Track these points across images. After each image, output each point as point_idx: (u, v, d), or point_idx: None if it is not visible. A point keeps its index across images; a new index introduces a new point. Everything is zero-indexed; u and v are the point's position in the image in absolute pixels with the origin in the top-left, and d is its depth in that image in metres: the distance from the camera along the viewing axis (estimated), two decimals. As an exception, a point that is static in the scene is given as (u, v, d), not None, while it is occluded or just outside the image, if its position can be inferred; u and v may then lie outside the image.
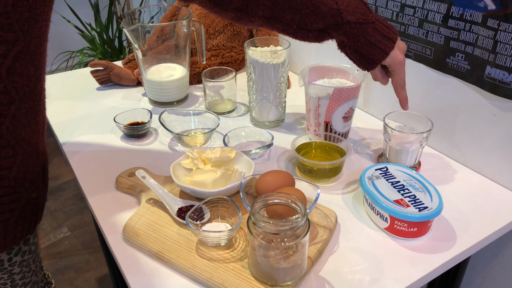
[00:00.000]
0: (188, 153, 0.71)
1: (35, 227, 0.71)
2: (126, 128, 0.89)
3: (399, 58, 0.67)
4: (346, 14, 0.64)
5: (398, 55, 0.67)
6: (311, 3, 0.63)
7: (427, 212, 0.62)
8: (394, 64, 0.68)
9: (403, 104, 0.74)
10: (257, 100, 0.92)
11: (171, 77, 1.01)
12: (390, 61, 0.67)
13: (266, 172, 0.68)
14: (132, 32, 0.93)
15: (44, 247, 1.79)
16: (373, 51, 0.66)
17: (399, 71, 0.69)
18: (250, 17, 0.66)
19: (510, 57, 0.67)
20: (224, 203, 0.64)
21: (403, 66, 0.69)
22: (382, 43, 0.65)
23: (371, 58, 0.67)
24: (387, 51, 0.66)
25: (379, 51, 0.66)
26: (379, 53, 0.66)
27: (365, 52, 0.66)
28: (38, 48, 0.58)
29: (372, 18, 0.65)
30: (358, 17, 0.64)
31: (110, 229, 0.68)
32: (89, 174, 0.80)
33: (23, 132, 0.61)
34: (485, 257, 0.83)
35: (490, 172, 0.78)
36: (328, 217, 0.67)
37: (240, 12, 0.66)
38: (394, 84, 0.72)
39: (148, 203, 0.70)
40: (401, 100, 0.74)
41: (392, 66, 0.68)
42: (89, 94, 1.09)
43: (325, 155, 0.81)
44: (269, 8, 0.64)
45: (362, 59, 0.68)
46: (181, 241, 0.63)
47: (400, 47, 0.68)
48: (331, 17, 0.64)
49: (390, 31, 0.66)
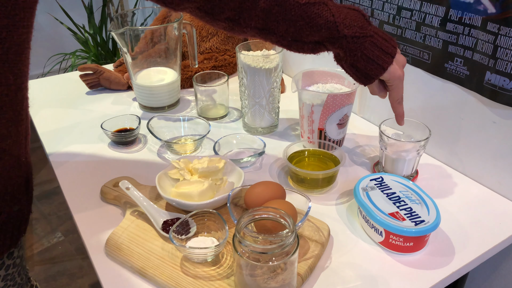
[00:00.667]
0: (174, 163, 0.68)
1: (18, 241, 0.68)
2: (113, 135, 0.86)
3: (397, 73, 0.64)
4: (343, 27, 0.60)
5: (396, 70, 0.64)
6: (306, 15, 0.60)
7: (424, 226, 0.59)
8: (392, 79, 0.64)
9: (398, 120, 0.71)
10: (250, 106, 0.89)
11: (162, 81, 0.98)
12: (388, 76, 0.64)
13: (256, 184, 0.65)
14: (121, 35, 0.90)
15: (37, 252, 1.76)
16: (370, 66, 0.63)
17: (397, 87, 0.66)
18: (242, 27, 0.63)
19: (511, 63, 0.64)
20: (210, 216, 0.61)
21: (401, 82, 0.66)
22: (380, 58, 0.62)
23: (368, 73, 0.63)
24: (385, 67, 0.63)
25: (376, 66, 0.63)
26: (376, 68, 0.63)
27: (362, 67, 0.63)
28: (19, 56, 0.55)
29: (371, 31, 0.61)
30: (355, 31, 0.61)
31: (93, 242, 0.65)
32: (74, 184, 0.77)
33: (3, 144, 0.58)
34: (485, 269, 0.80)
35: (490, 181, 0.75)
36: (320, 230, 0.64)
37: (232, 22, 0.63)
38: (391, 99, 0.68)
39: (133, 215, 0.67)
40: (397, 115, 0.71)
41: (390, 81, 0.65)
42: (78, 99, 1.07)
43: (318, 164, 0.78)
44: (262, 19, 0.61)
45: (358, 73, 0.64)
46: (166, 257, 0.60)
47: (399, 61, 0.65)
48: (326, 30, 0.61)
49: (389, 45, 0.63)
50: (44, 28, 2.50)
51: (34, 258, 1.73)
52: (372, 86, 0.67)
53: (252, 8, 0.60)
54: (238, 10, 0.60)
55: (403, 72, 0.65)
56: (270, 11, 0.60)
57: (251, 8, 0.60)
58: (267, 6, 0.59)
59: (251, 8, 0.60)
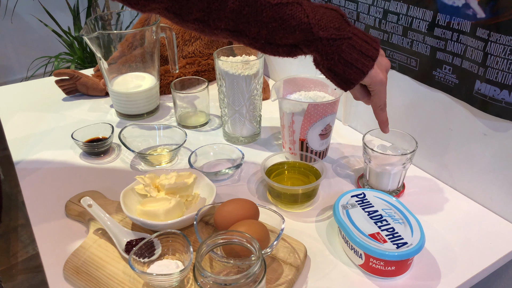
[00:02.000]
0: (139, 179, 0.63)
1: None
2: (84, 146, 0.81)
3: (379, 77, 0.59)
4: (318, 29, 0.55)
5: (378, 74, 0.59)
6: (278, 16, 0.55)
7: (406, 250, 0.55)
8: (373, 84, 0.59)
9: (382, 127, 0.66)
10: (229, 114, 0.84)
11: (139, 87, 0.94)
12: (369, 81, 0.59)
13: (226, 202, 0.60)
14: (94, 40, 0.86)
15: (21, 261, 1.71)
16: (348, 70, 0.57)
17: (379, 92, 0.61)
18: (212, 29, 0.59)
19: (501, 72, 0.60)
20: (176, 237, 0.57)
21: (383, 87, 0.61)
22: (359, 62, 0.57)
23: (347, 77, 0.58)
24: (365, 71, 0.57)
25: (356, 70, 0.57)
26: (355, 72, 0.58)
27: (340, 71, 0.58)
28: None
29: (349, 33, 0.56)
30: (332, 33, 0.56)
31: (51, 264, 0.60)
32: (39, 197, 0.73)
33: None
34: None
35: (480, 196, 0.70)
36: (296, 252, 0.59)
37: (201, 23, 0.58)
38: (373, 106, 0.63)
39: (96, 234, 0.62)
40: (380, 122, 0.66)
41: (371, 86, 0.60)
42: (54, 105, 1.02)
43: (299, 177, 0.73)
44: (232, 21, 0.56)
45: (337, 78, 0.59)
46: (127, 282, 0.55)
47: (382, 64, 0.60)
48: (300, 32, 0.56)
49: (370, 47, 0.58)
50: (29, 30, 2.45)
51: (18, 267, 1.68)
52: (354, 91, 0.63)
53: (221, 9, 0.55)
54: (207, 11, 0.56)
55: (386, 76, 0.60)
56: (240, 12, 0.55)
57: (219, 9, 0.55)
58: (236, 7, 0.55)
59: (219, 9, 0.55)
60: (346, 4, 0.81)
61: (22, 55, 2.48)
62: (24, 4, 2.24)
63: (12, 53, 2.54)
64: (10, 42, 2.48)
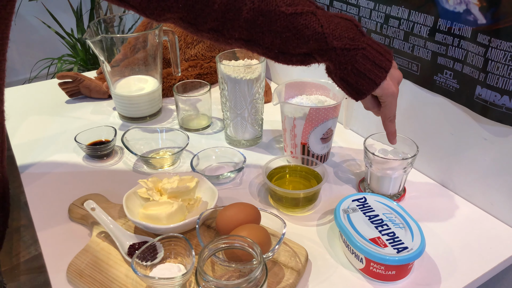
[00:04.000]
0: (142, 183, 0.64)
1: None
2: (88, 148, 0.82)
3: (391, 90, 0.59)
4: (332, 38, 0.56)
5: (390, 86, 0.59)
6: (292, 26, 0.55)
7: (407, 254, 0.55)
8: (385, 96, 0.60)
9: (390, 139, 0.67)
10: (231, 118, 0.85)
11: (142, 90, 0.94)
12: (381, 92, 0.59)
13: (228, 206, 0.61)
14: (97, 43, 0.86)
15: (24, 261, 1.72)
16: (361, 81, 0.58)
17: (390, 104, 0.61)
18: (227, 39, 0.59)
19: (502, 77, 0.60)
20: (178, 241, 0.57)
21: (394, 99, 0.61)
22: (372, 73, 0.57)
23: (359, 88, 0.58)
24: (377, 82, 0.58)
25: (368, 81, 0.58)
26: (368, 83, 0.58)
27: (353, 82, 0.58)
28: None
29: (363, 43, 0.56)
30: (346, 43, 0.56)
31: (55, 267, 0.61)
32: (43, 200, 0.73)
33: None
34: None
35: (481, 201, 0.71)
36: (297, 255, 0.59)
37: (216, 33, 0.59)
38: (383, 117, 0.64)
39: (99, 237, 0.63)
40: (389, 133, 0.66)
41: (382, 97, 0.60)
42: (57, 107, 1.03)
43: (300, 181, 0.74)
44: (246, 30, 0.57)
45: (349, 88, 0.59)
46: (129, 285, 0.56)
47: (395, 77, 0.60)
48: (314, 41, 0.56)
49: (384, 58, 0.58)
50: (32, 32, 2.47)
51: (20, 267, 1.69)
52: (365, 101, 0.63)
53: (235, 19, 0.56)
54: (222, 21, 0.56)
55: (397, 89, 0.60)
56: (254, 22, 0.56)
57: (234, 18, 0.56)
58: (250, 16, 0.55)
59: (234, 18, 0.56)
60: (348, 8, 0.82)
61: (25, 57, 2.50)
62: (27, 5, 2.26)
63: (15, 55, 2.55)
64: (13, 43, 2.49)
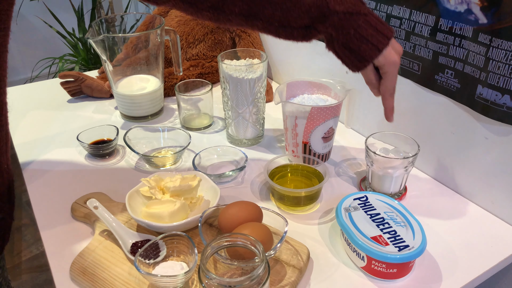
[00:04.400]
0: (144, 181, 0.64)
1: (1, 250, 0.65)
2: (90, 147, 0.82)
3: (393, 58, 0.58)
4: (334, 4, 0.55)
5: (392, 54, 0.58)
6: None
7: (408, 252, 0.55)
8: (387, 64, 0.59)
9: (388, 115, 0.65)
10: (233, 117, 0.85)
11: (143, 90, 0.95)
12: (383, 60, 0.58)
13: (230, 204, 0.61)
14: (99, 43, 0.87)
15: (25, 260, 1.73)
16: (364, 46, 0.57)
17: (392, 74, 0.60)
18: (227, 15, 0.59)
19: (503, 77, 0.60)
20: (180, 239, 0.57)
21: (396, 69, 0.60)
22: (375, 38, 0.57)
23: (362, 54, 0.58)
24: (380, 47, 0.57)
25: (371, 46, 0.57)
26: (370, 49, 0.57)
27: (355, 47, 0.57)
28: None
29: (365, 10, 0.57)
30: (348, 7, 0.56)
31: (58, 265, 0.61)
32: (45, 198, 0.74)
33: None
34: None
35: (482, 200, 0.71)
36: (299, 253, 0.60)
37: (216, 10, 0.59)
38: (384, 89, 0.62)
39: (102, 235, 0.63)
40: (387, 109, 0.64)
41: (385, 67, 0.59)
42: (59, 107, 1.03)
43: (302, 180, 0.74)
44: (246, 4, 0.57)
45: (351, 55, 0.58)
46: (132, 283, 0.56)
47: (396, 48, 0.59)
48: (316, 8, 0.56)
49: (385, 27, 0.58)
50: (34, 31, 2.48)
51: (21, 266, 1.70)
52: (368, 72, 0.61)
53: None
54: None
55: (399, 59, 0.60)
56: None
57: None
58: None
59: None
60: (349, 8, 0.82)
61: (26, 56, 2.51)
62: (29, 5, 2.26)
63: (17, 54, 2.56)
64: (14, 42, 2.50)
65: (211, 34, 1.12)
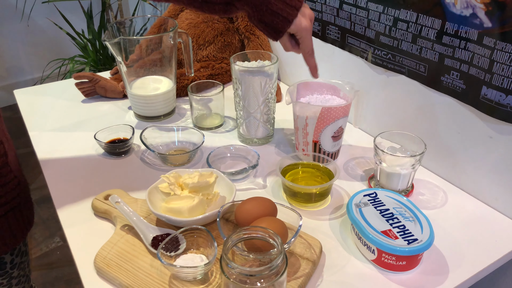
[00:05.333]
0: (164, 178, 0.67)
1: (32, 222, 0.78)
2: (107, 146, 0.85)
3: (303, 24, 0.68)
4: None
5: (302, 22, 0.68)
6: None
7: (417, 245, 0.58)
8: (299, 31, 0.68)
9: (312, 72, 0.76)
10: (244, 117, 0.88)
11: (157, 90, 0.97)
12: (295, 28, 0.68)
13: (247, 200, 0.64)
14: (115, 45, 0.90)
15: (35, 257, 1.76)
16: (276, 19, 0.66)
17: (305, 39, 0.70)
18: None
19: (507, 78, 0.63)
20: (200, 233, 0.60)
21: (309, 33, 0.70)
22: (285, 11, 0.66)
23: (275, 26, 0.67)
24: (290, 19, 0.66)
25: (282, 18, 0.66)
26: (282, 21, 0.66)
27: (269, 21, 0.67)
28: None
29: None
30: None
31: (82, 258, 0.64)
32: (66, 195, 0.76)
33: None
34: (482, 285, 0.79)
35: (486, 197, 0.74)
36: (312, 247, 0.63)
37: None
38: (302, 52, 0.72)
39: (123, 230, 0.66)
40: (310, 68, 0.75)
41: (298, 33, 0.69)
42: (73, 107, 1.06)
43: (313, 177, 0.77)
44: None
45: (268, 28, 0.68)
46: (154, 274, 0.59)
47: (306, 14, 0.69)
48: None
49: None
50: (44, 32, 2.52)
51: (31, 264, 1.73)
52: (284, 41, 0.71)
53: None
54: None
55: (310, 25, 0.69)
56: None
57: None
58: None
59: None
60: (357, 11, 0.85)
61: (37, 57, 2.56)
62: (39, 7, 2.31)
63: (26, 55, 2.61)
64: (22, 44, 2.55)
65: (220, 36, 1.15)
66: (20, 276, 0.80)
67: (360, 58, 0.89)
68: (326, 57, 0.99)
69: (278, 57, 0.86)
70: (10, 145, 0.73)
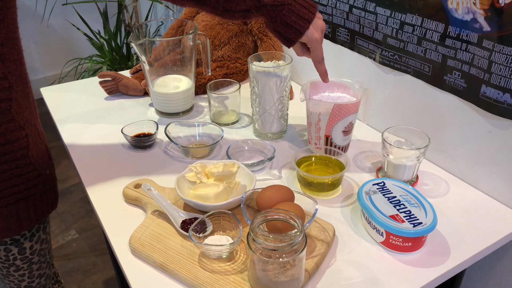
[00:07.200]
0: (192, 167, 0.74)
1: (55, 203, 0.80)
2: (133, 140, 0.92)
3: (314, 36, 0.74)
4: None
5: (313, 34, 0.74)
6: None
7: (421, 228, 0.65)
8: (310, 42, 0.75)
9: (322, 77, 0.83)
10: (260, 113, 0.95)
11: (177, 88, 1.04)
12: (307, 39, 0.74)
13: (267, 187, 0.70)
14: (140, 46, 0.96)
15: (53, 249, 1.83)
16: (289, 31, 0.73)
17: (316, 48, 0.77)
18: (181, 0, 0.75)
19: (504, 78, 0.69)
20: (225, 216, 0.67)
21: (319, 44, 0.76)
22: (297, 23, 0.72)
23: (288, 36, 0.74)
24: (302, 31, 0.73)
25: (294, 30, 0.73)
26: (294, 33, 0.73)
27: (282, 31, 0.73)
28: (15, 33, 0.64)
29: (289, 0, 0.71)
30: (274, 0, 0.71)
31: (117, 240, 0.71)
32: (98, 185, 0.83)
33: (25, 114, 0.69)
34: (481, 268, 0.85)
35: (485, 186, 0.80)
36: (326, 230, 0.69)
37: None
38: (313, 60, 0.79)
39: (153, 214, 0.73)
40: (320, 73, 0.82)
41: (309, 44, 0.76)
42: (98, 103, 1.13)
43: (325, 168, 0.83)
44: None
45: (281, 37, 0.75)
46: (184, 253, 0.65)
47: (318, 26, 0.75)
48: (251, 0, 0.71)
49: (307, 11, 0.73)
50: (61, 33, 2.60)
51: (49, 255, 1.80)
52: (296, 48, 0.78)
53: None
54: None
55: (321, 36, 0.76)
56: None
57: None
58: None
59: None
60: (366, 15, 0.91)
61: (55, 56, 2.66)
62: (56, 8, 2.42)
63: (42, 55, 2.69)
64: (39, 44, 2.63)
65: (235, 38, 1.21)
66: (40, 262, 0.84)
67: (369, 59, 0.96)
68: (336, 58, 1.05)
69: (292, 57, 0.92)
70: (41, 139, 0.75)
